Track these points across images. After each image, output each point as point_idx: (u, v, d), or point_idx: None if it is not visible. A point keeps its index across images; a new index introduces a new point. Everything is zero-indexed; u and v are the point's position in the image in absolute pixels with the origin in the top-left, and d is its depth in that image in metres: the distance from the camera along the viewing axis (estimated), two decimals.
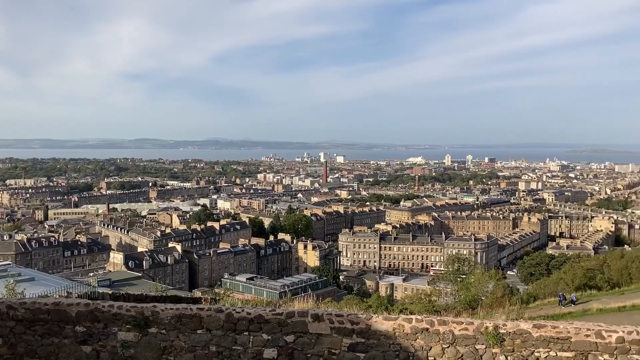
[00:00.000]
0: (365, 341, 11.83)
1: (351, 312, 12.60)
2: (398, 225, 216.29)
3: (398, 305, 68.76)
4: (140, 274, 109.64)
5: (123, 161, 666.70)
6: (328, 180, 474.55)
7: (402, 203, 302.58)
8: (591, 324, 11.56)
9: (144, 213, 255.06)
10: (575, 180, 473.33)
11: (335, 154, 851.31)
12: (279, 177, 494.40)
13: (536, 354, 11.27)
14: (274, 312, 12.26)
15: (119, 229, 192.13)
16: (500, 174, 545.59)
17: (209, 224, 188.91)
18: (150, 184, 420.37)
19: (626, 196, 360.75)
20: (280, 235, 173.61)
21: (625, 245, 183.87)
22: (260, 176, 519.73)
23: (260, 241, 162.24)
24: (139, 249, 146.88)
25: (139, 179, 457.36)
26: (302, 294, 61.01)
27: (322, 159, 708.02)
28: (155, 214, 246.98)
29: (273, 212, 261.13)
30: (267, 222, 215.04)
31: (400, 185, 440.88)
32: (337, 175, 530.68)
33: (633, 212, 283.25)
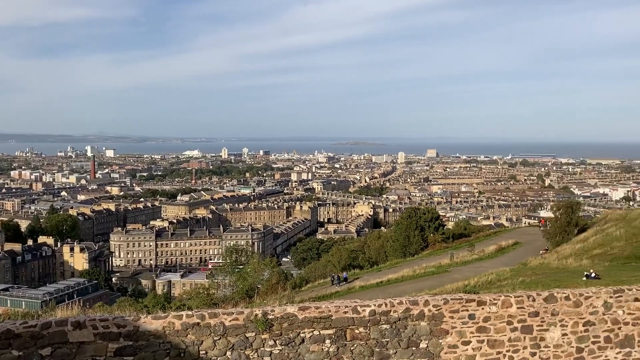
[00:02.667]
0: (133, 344, 11.28)
1: (118, 315, 11.87)
2: (175, 221, 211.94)
3: (176, 302, 67.38)
4: None
5: None
6: (97, 176, 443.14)
7: (179, 198, 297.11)
8: (349, 301, 12.66)
9: None
10: (340, 170, 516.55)
11: (104, 148, 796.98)
12: (37, 174, 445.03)
13: (302, 335, 11.95)
14: (26, 325, 10.95)
15: None
16: (274, 165, 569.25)
17: None
18: None
19: (382, 183, 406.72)
20: (42, 239, 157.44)
21: (382, 227, 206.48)
22: (14, 173, 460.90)
23: (17, 246, 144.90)
24: None
25: None
26: (68, 302, 56.00)
27: (89, 153, 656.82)
28: None
29: (31, 213, 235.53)
30: (24, 224, 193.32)
31: (176, 179, 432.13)
32: (107, 170, 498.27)
33: (387, 197, 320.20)
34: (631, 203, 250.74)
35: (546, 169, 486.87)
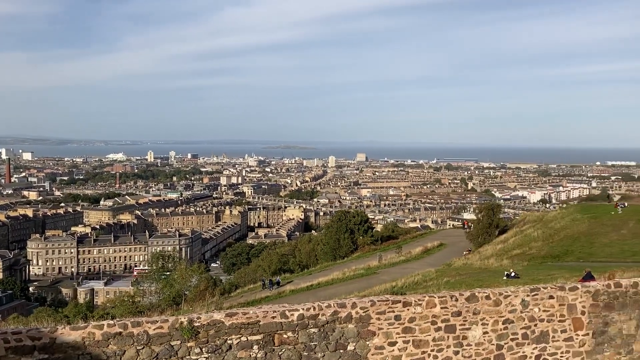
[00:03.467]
0: (49, 357, 10.71)
1: (33, 327, 11.22)
2: (98, 227, 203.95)
3: (99, 311, 64.85)
4: None
5: None
6: (13, 181, 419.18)
7: (102, 202, 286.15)
8: (277, 306, 12.58)
9: None
10: (271, 174, 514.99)
11: (20, 150, 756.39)
12: None
13: (229, 342, 11.75)
14: None
15: None
16: (203, 169, 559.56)
17: None
18: None
19: (313, 187, 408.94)
20: None
21: (313, 231, 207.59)
22: None
23: None
24: None
25: None
26: None
27: (3, 156, 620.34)
28: None
29: None
30: None
31: (100, 183, 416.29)
32: (23, 174, 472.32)
33: (318, 201, 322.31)
34: (548, 205, 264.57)
35: (469, 172, 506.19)
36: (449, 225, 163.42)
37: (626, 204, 65.16)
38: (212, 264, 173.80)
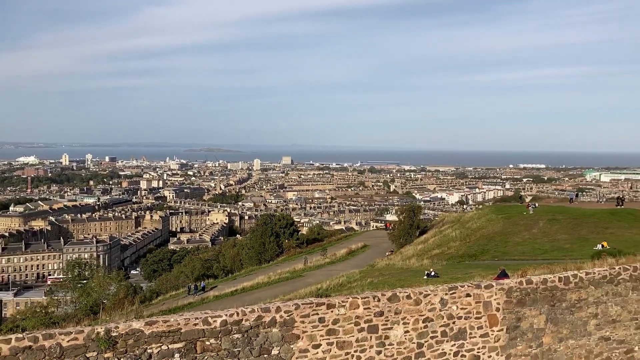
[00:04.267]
0: None
1: None
2: (7, 234, 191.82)
3: (8, 324, 61.04)
4: None
5: None
6: None
7: (12, 208, 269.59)
8: (199, 312, 12.30)
9: None
10: (193, 178, 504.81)
11: None
12: None
13: (149, 351, 11.36)
14: None
15: None
16: (121, 173, 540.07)
17: None
18: None
19: (237, 190, 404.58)
20: None
21: (237, 235, 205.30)
22: None
23: None
24: None
25: None
26: None
27: None
28: None
29: None
30: None
31: (9, 188, 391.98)
32: None
33: (243, 205, 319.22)
34: (465, 206, 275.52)
35: (391, 175, 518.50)
36: (373, 227, 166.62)
37: (537, 205, 68.90)
38: (132, 271, 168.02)
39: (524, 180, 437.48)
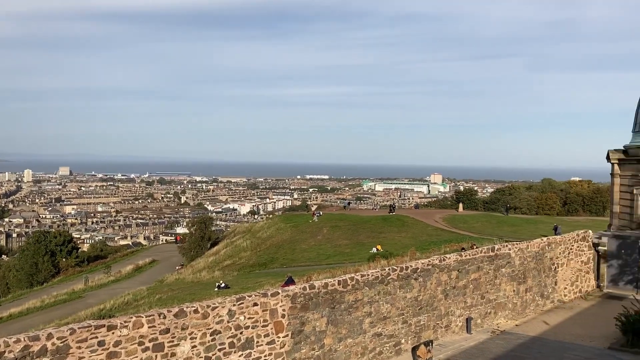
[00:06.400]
0: None
1: None
2: None
3: None
4: None
5: None
6: None
7: None
8: None
9: None
10: None
11: None
12: None
13: None
14: None
15: None
16: None
17: None
18: None
19: (4, 205, 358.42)
20: None
21: (3, 255, 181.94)
22: None
23: None
24: None
25: None
26: None
27: None
28: None
29: None
30: None
31: None
32: None
33: (11, 221, 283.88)
34: (256, 216, 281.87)
35: (182, 186, 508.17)
36: (162, 241, 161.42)
37: (321, 213, 73.60)
38: None
39: (310, 190, 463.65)
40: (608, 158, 35.18)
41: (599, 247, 30.01)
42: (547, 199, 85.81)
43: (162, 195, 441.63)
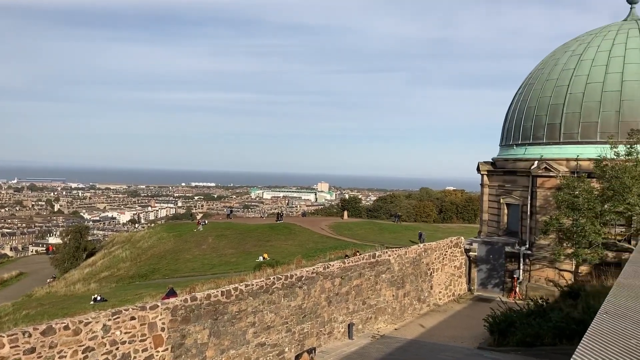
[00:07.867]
0: None
1: None
2: None
3: None
4: None
5: None
6: None
7: None
8: None
9: None
10: None
11: None
12: None
13: None
14: None
15: None
16: None
17: None
18: None
19: None
20: None
21: None
22: None
23: None
24: None
25: None
26: None
27: None
28: None
29: None
30: None
31: None
32: None
33: None
34: (137, 225, 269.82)
35: (56, 193, 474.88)
36: (32, 252, 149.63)
37: (207, 222, 72.00)
38: None
39: (196, 198, 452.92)
40: (478, 169, 37.77)
41: (470, 253, 32.16)
42: (425, 207, 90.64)
43: (33, 203, 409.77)
